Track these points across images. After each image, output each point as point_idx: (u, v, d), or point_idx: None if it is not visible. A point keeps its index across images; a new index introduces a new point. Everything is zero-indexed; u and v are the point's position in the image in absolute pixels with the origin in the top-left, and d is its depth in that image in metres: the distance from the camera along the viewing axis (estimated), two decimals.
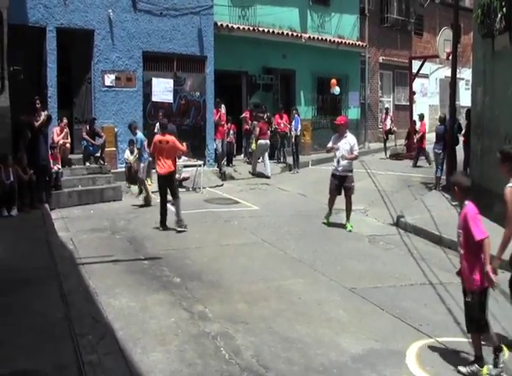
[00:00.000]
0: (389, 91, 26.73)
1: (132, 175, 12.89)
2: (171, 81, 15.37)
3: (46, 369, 4.44)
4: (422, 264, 7.89)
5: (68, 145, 13.06)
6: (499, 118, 10.57)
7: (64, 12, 13.25)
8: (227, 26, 16.92)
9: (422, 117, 19.39)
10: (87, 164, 13.28)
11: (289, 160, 17.88)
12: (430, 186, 14.26)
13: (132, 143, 12.80)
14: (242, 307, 6.31)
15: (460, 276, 5.06)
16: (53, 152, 12.19)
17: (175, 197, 10.08)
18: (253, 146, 17.00)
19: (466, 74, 26.16)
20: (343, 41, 21.22)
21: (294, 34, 19.20)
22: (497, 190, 6.48)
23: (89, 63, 13.99)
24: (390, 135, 21.70)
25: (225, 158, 16.61)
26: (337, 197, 10.33)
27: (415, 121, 20.27)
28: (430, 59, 24.17)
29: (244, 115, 17.69)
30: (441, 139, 13.95)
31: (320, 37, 20.19)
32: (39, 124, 11.57)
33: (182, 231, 9.70)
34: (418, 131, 19.44)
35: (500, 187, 5.30)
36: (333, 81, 19.99)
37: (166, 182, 10.12)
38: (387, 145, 21.32)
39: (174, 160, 10.49)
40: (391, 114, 23.28)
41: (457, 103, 18.83)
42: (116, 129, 14.25)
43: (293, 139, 17.58)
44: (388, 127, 21.46)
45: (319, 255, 8.47)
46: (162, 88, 15.18)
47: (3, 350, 4.68)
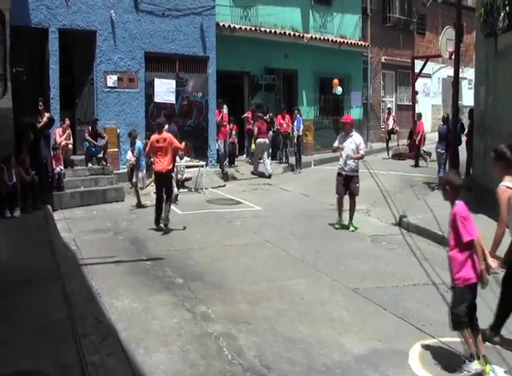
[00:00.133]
0: (391, 91, 26.70)
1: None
2: (174, 82, 15.37)
3: (49, 369, 4.45)
4: (425, 264, 7.87)
5: (70, 146, 13.06)
6: (502, 118, 10.55)
7: (66, 13, 13.26)
8: (229, 26, 16.92)
9: (419, 116, 19.39)
10: (89, 165, 13.28)
11: (291, 160, 17.88)
12: (432, 185, 14.23)
13: (134, 145, 12.79)
14: (244, 307, 6.31)
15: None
16: (56, 153, 12.20)
17: (169, 199, 10.00)
18: (252, 145, 17.02)
19: (468, 73, 26.09)
20: (345, 40, 21.21)
21: (296, 34, 19.19)
22: None
23: (91, 64, 14.00)
24: (392, 135, 21.69)
25: (228, 159, 16.61)
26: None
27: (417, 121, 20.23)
28: (433, 58, 24.14)
29: (246, 115, 17.70)
30: (444, 139, 13.93)
31: (322, 37, 20.18)
32: (41, 125, 11.59)
33: (165, 231, 9.60)
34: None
35: None
36: (336, 81, 19.99)
37: (162, 180, 10.01)
38: (390, 145, 21.30)
39: (172, 159, 10.30)
40: (394, 114, 23.26)
41: (460, 102, 18.73)
42: (118, 130, 14.25)
43: (295, 140, 17.60)
44: (391, 127, 21.45)
45: (322, 255, 8.47)
46: (164, 89, 15.17)
47: (6, 350, 4.69)
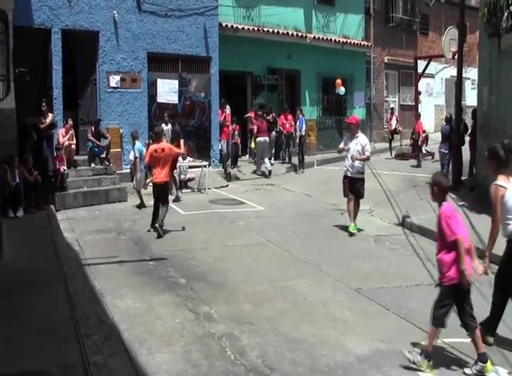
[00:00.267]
0: (394, 91, 26.66)
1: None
2: (176, 82, 15.37)
3: (51, 369, 4.45)
4: (428, 264, 7.83)
5: (73, 146, 13.10)
6: (506, 117, 10.52)
7: (69, 14, 13.28)
8: (232, 26, 16.92)
9: (418, 116, 19.45)
10: (92, 165, 13.31)
11: (294, 160, 17.87)
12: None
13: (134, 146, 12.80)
14: (247, 308, 6.31)
15: None
16: (59, 153, 12.22)
17: (165, 204, 9.89)
18: (252, 144, 17.00)
19: (472, 73, 26.05)
20: (348, 41, 21.18)
21: (299, 35, 19.18)
22: None
23: (94, 64, 14.02)
24: (395, 135, 21.65)
25: (230, 159, 16.61)
26: (341, 198, 10.28)
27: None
28: (436, 58, 24.12)
29: (249, 115, 17.69)
30: (447, 139, 13.91)
31: (325, 38, 20.16)
32: (44, 127, 11.61)
33: (158, 235, 9.40)
34: (424, 131, 19.40)
35: None
36: (339, 81, 19.98)
37: (159, 191, 9.93)
38: (393, 145, 21.26)
39: (170, 170, 10.29)
40: (397, 114, 23.22)
41: (463, 102, 18.76)
42: (121, 130, 14.26)
43: (297, 140, 17.59)
44: (394, 127, 21.42)
45: (325, 256, 8.46)
46: (167, 89, 15.18)
47: (9, 350, 4.70)
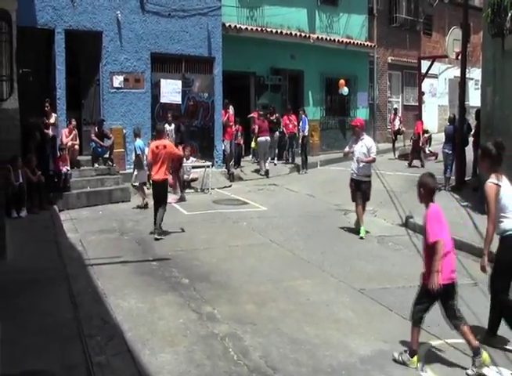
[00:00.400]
0: (398, 91, 26.61)
1: None
2: (180, 83, 15.38)
3: (55, 369, 4.46)
4: None
5: (77, 146, 13.12)
6: (509, 118, 10.50)
7: (73, 14, 13.30)
8: (235, 27, 16.93)
9: (418, 116, 19.49)
10: (95, 165, 13.32)
11: (297, 160, 17.86)
12: (439, 186, 14.11)
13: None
14: (250, 308, 6.30)
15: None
16: (62, 153, 12.24)
17: (163, 205, 9.70)
18: (252, 144, 17.00)
19: (475, 73, 25.96)
20: (351, 41, 21.16)
21: (302, 35, 19.17)
22: None
23: (97, 64, 14.04)
24: (398, 136, 21.61)
25: (233, 159, 16.60)
26: (344, 199, 10.25)
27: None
28: (440, 59, 24.05)
29: (252, 115, 17.68)
30: (451, 140, 13.86)
31: (328, 38, 20.15)
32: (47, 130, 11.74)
33: (158, 239, 9.29)
34: (427, 131, 19.38)
35: None
36: (342, 81, 19.96)
37: (158, 189, 9.79)
38: (396, 145, 21.21)
39: (171, 166, 10.19)
40: (400, 115, 23.18)
41: (466, 103, 18.63)
42: (124, 131, 14.27)
43: (300, 140, 17.58)
44: (397, 127, 21.36)
45: (328, 256, 8.45)
46: (170, 90, 15.19)
47: (12, 350, 4.69)
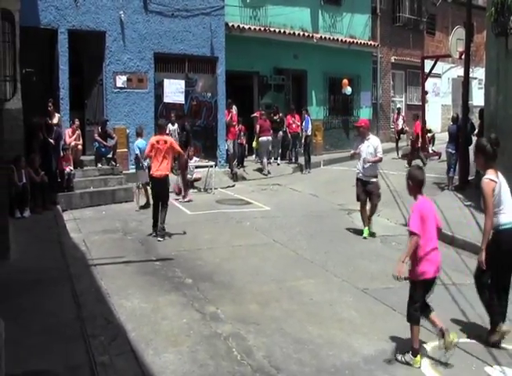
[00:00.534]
0: (401, 91, 26.59)
1: None
2: (183, 82, 15.40)
3: (58, 369, 4.46)
4: None
5: (80, 146, 13.14)
6: None
7: (76, 14, 13.33)
8: (238, 26, 16.92)
9: (416, 116, 19.50)
10: (99, 165, 13.34)
11: (300, 160, 17.85)
12: (442, 186, 14.14)
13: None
14: (253, 308, 6.30)
15: None
16: (65, 153, 12.25)
17: (164, 205, 9.54)
18: (254, 144, 17.00)
19: (479, 73, 25.94)
20: (354, 40, 21.15)
21: (306, 34, 19.17)
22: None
23: (101, 64, 14.07)
24: (402, 135, 21.58)
25: (237, 159, 16.60)
26: (348, 198, 10.23)
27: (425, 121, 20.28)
28: (443, 58, 24.00)
29: (255, 115, 17.68)
30: (454, 139, 13.83)
31: (332, 37, 20.14)
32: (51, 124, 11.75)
33: (161, 240, 9.24)
34: (430, 130, 19.36)
35: None
36: (345, 81, 19.96)
37: (159, 186, 9.58)
38: (399, 145, 21.19)
39: (171, 162, 10.06)
40: (403, 114, 23.15)
41: (470, 102, 18.65)
42: (127, 130, 14.29)
43: (303, 140, 17.57)
44: (400, 127, 21.34)
45: (331, 256, 8.44)
46: (173, 89, 15.21)
47: (16, 350, 4.69)
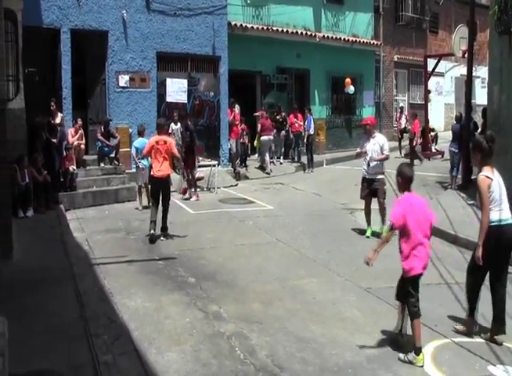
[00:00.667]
0: (404, 89, 26.57)
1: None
2: (185, 82, 15.39)
3: (61, 369, 4.47)
4: (437, 264, 7.78)
5: (83, 146, 13.12)
6: None
7: (78, 14, 13.33)
8: (241, 25, 16.91)
9: (415, 115, 19.57)
10: (101, 164, 13.33)
11: (303, 159, 17.85)
12: (445, 185, 14.13)
13: None
14: (256, 307, 6.30)
15: None
16: (68, 153, 12.26)
17: (166, 204, 9.43)
18: (255, 143, 16.99)
19: (482, 72, 25.88)
20: (357, 39, 21.14)
21: (308, 33, 19.15)
22: None
23: (103, 64, 14.07)
24: (405, 134, 21.56)
25: (239, 158, 16.60)
26: (351, 197, 10.21)
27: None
28: (446, 57, 23.98)
29: (258, 114, 17.67)
30: (458, 138, 13.81)
31: (334, 36, 20.13)
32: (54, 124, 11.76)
33: (164, 239, 9.20)
34: (433, 129, 19.33)
35: None
36: (348, 80, 19.92)
37: (160, 186, 9.37)
38: (402, 144, 21.18)
39: (172, 162, 9.97)
40: (406, 113, 23.14)
41: (473, 101, 18.56)
42: (130, 130, 14.28)
43: (305, 139, 17.57)
44: (403, 126, 21.34)
45: (334, 255, 8.44)
46: (176, 89, 15.20)
47: (19, 350, 4.70)
